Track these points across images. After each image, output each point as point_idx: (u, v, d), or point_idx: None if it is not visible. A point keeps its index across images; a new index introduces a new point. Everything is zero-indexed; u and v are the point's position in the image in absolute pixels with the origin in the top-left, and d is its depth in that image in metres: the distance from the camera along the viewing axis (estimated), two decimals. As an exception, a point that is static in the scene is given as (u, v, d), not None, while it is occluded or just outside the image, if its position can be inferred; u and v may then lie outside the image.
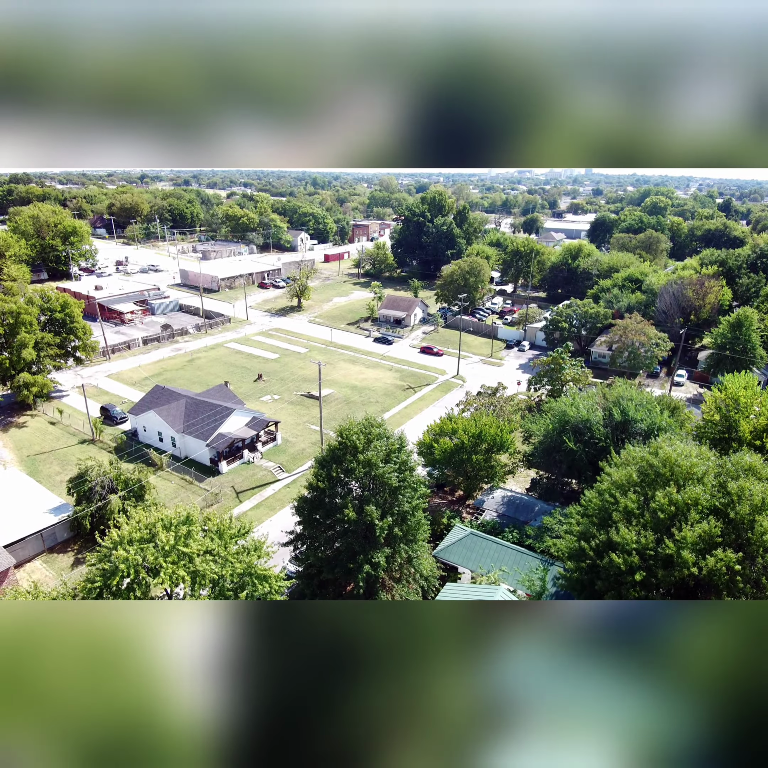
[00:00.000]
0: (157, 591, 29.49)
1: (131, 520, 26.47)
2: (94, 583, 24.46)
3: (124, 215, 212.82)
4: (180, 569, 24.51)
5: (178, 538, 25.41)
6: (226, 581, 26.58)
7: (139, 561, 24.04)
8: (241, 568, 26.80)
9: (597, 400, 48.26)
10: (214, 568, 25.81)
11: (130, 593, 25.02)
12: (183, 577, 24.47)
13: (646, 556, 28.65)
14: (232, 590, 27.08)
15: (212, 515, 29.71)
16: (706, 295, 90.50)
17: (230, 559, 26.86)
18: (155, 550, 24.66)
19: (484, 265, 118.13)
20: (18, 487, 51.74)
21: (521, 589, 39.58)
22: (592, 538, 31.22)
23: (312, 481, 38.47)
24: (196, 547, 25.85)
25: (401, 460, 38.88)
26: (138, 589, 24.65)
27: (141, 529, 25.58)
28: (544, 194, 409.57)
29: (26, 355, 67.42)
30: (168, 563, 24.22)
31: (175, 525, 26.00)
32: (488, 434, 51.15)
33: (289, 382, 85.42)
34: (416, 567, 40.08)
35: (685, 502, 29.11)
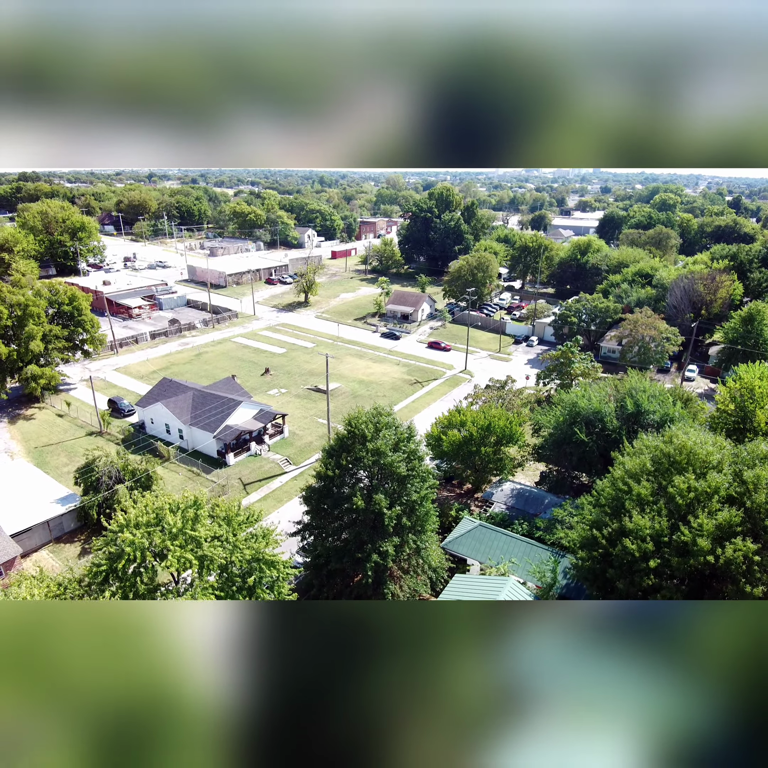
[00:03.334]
0: (164, 577, 29.27)
1: (138, 504, 26.19)
2: (100, 567, 24.21)
3: (132, 212, 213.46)
4: (188, 553, 24.21)
5: (186, 521, 25.09)
6: (234, 566, 26.25)
7: (146, 544, 23.75)
8: (249, 554, 26.46)
9: (609, 392, 47.65)
10: (222, 553, 25.48)
11: (136, 578, 24.75)
12: (191, 560, 24.15)
13: (661, 543, 28.12)
14: (240, 576, 26.77)
15: (220, 502, 29.39)
16: (717, 290, 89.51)
17: (239, 545, 26.52)
18: (162, 534, 24.36)
19: (492, 261, 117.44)
20: (25, 478, 51.72)
21: (531, 581, 39.08)
22: (605, 526, 30.73)
23: (320, 470, 38.13)
24: (204, 532, 25.54)
25: (410, 449, 38.47)
26: (145, 573, 24.37)
27: (148, 513, 25.30)
28: (552, 192, 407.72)
29: (34, 347, 67.44)
30: (176, 546, 23.91)
31: (182, 509, 25.69)
32: (497, 426, 50.61)
33: (296, 376, 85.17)
34: (425, 558, 39.66)
35: (704, 490, 28.54)
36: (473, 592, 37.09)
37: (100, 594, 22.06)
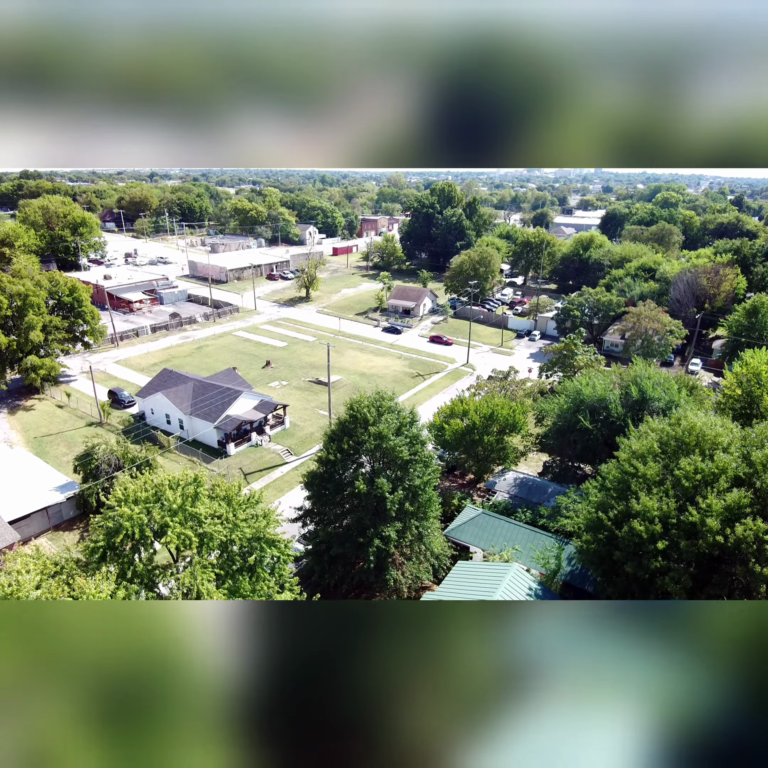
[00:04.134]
0: (163, 558, 28.79)
1: (137, 481, 25.73)
2: (97, 543, 23.76)
3: (134, 209, 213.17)
4: (187, 530, 23.74)
5: (186, 498, 24.62)
6: (234, 545, 25.78)
7: (145, 520, 23.27)
8: (250, 532, 25.99)
9: (613, 379, 47.16)
10: (223, 531, 25.01)
11: (134, 554, 24.30)
12: (190, 537, 23.68)
13: (669, 525, 27.62)
14: (241, 555, 26.31)
15: (220, 482, 28.93)
16: (720, 283, 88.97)
17: (239, 524, 26.05)
18: (161, 510, 23.88)
19: (494, 255, 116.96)
20: (24, 466, 51.30)
21: (535, 567, 38.60)
22: (611, 508, 30.23)
23: (322, 454, 37.69)
24: (204, 510, 25.07)
25: (412, 434, 38.03)
26: (144, 549, 23.92)
27: (147, 490, 24.83)
28: (553, 191, 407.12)
29: (34, 337, 67.04)
30: (175, 523, 23.44)
31: (182, 486, 25.23)
32: (500, 415, 50.14)
33: (298, 369, 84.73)
34: (427, 545, 39.19)
35: (712, 471, 28.05)
36: (476, 578, 36.61)
37: (98, 571, 21.62)
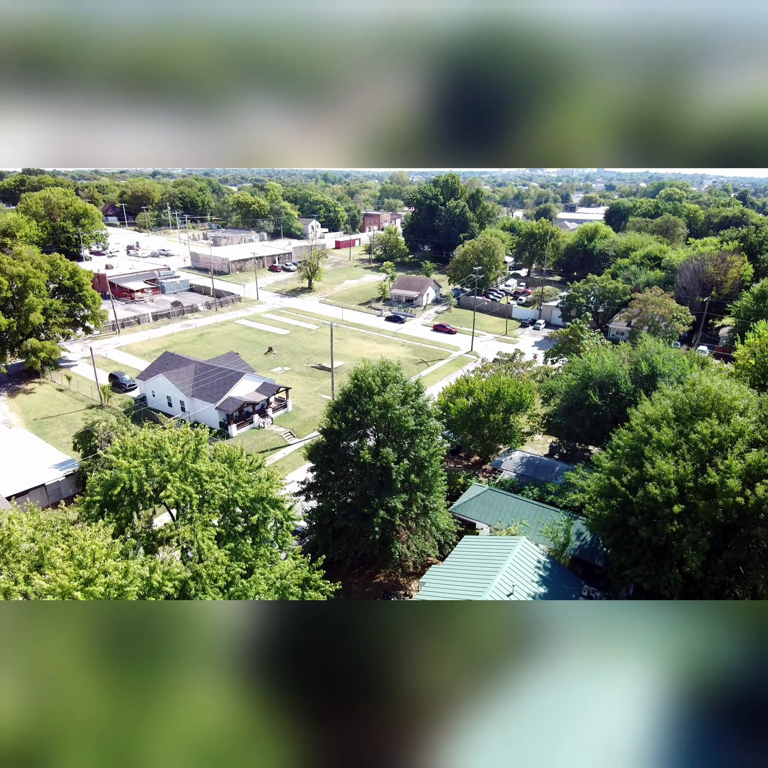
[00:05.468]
0: (162, 523, 27.93)
1: (136, 437, 24.92)
2: (94, 497, 22.94)
3: (136, 203, 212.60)
4: (188, 486, 22.89)
5: (187, 453, 23.78)
6: (236, 505, 24.93)
7: (143, 472, 22.43)
8: (253, 492, 25.15)
9: (623, 356, 46.26)
10: (224, 489, 24.18)
11: (132, 511, 23.44)
12: (191, 494, 22.84)
13: (685, 489, 26.74)
14: (243, 516, 25.47)
15: (222, 445, 28.11)
16: (727, 270, 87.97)
17: (242, 484, 25.21)
18: (161, 465, 23.04)
19: (498, 245, 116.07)
20: (22, 444, 50.56)
21: (544, 543, 37.71)
22: (624, 474, 29.36)
23: (326, 424, 36.84)
24: (205, 467, 24.23)
25: (418, 404, 37.19)
26: (141, 505, 23.07)
27: (146, 446, 24.00)
28: (556, 189, 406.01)
29: (34, 319, 66.27)
30: (175, 477, 22.60)
31: (183, 442, 24.39)
32: (507, 393, 49.27)
33: (300, 355, 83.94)
34: (433, 519, 38.32)
35: (729, 434, 27.16)
36: (483, 551, 35.77)
37: (94, 523, 20.78)
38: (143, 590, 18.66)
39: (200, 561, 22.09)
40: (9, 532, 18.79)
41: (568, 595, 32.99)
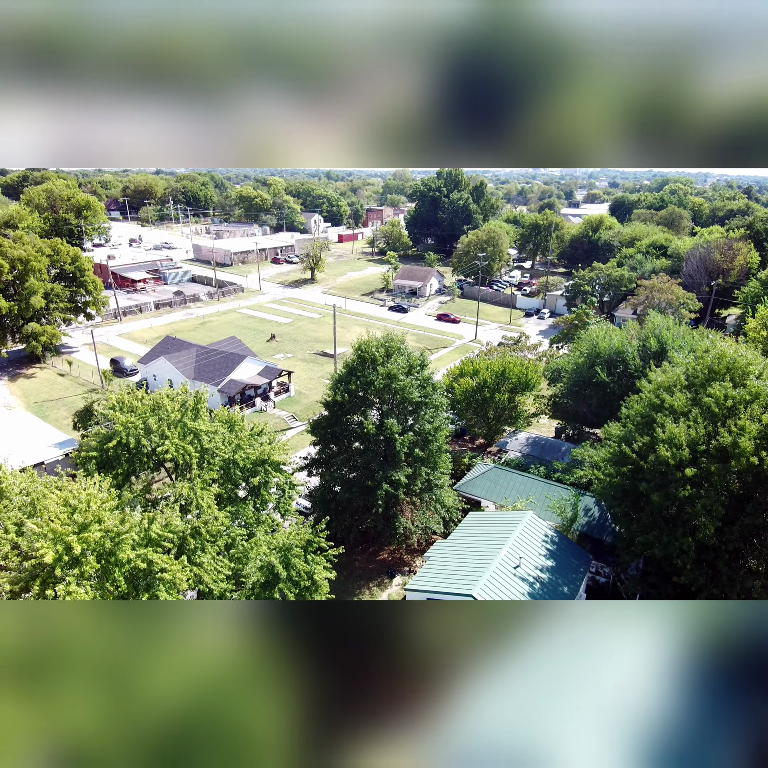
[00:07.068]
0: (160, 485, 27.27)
1: (133, 395, 24.24)
2: (90, 452, 22.28)
3: (138, 198, 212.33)
4: (187, 444, 22.22)
5: (185, 411, 23.12)
6: (237, 467, 24.25)
7: (140, 427, 21.75)
8: (254, 454, 24.47)
9: (631, 333, 45.49)
10: (225, 448, 23.50)
11: (129, 468, 22.77)
12: (190, 452, 22.16)
13: (697, 452, 25.98)
14: (244, 479, 24.81)
15: (222, 410, 27.43)
16: (734, 258, 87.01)
17: (242, 446, 24.53)
18: (160, 422, 22.38)
19: (503, 235, 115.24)
20: (22, 424, 50.02)
21: (551, 519, 36.94)
22: (635, 441, 28.61)
23: (329, 395, 36.16)
24: (205, 427, 23.57)
25: (423, 376, 36.52)
26: (139, 464, 22.39)
27: (144, 404, 23.34)
28: (560, 186, 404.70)
29: (35, 302, 65.75)
30: (173, 434, 21.94)
31: (182, 401, 23.73)
32: (512, 373, 48.51)
33: (303, 343, 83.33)
34: (437, 496, 37.61)
35: (743, 397, 26.38)
36: (489, 526, 35.06)
37: (90, 478, 20.15)
38: (142, 542, 18.00)
39: (199, 518, 21.44)
40: (2, 478, 18.16)
41: (576, 569, 32.26)
